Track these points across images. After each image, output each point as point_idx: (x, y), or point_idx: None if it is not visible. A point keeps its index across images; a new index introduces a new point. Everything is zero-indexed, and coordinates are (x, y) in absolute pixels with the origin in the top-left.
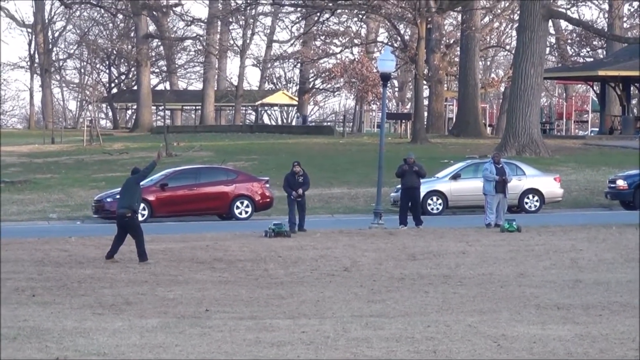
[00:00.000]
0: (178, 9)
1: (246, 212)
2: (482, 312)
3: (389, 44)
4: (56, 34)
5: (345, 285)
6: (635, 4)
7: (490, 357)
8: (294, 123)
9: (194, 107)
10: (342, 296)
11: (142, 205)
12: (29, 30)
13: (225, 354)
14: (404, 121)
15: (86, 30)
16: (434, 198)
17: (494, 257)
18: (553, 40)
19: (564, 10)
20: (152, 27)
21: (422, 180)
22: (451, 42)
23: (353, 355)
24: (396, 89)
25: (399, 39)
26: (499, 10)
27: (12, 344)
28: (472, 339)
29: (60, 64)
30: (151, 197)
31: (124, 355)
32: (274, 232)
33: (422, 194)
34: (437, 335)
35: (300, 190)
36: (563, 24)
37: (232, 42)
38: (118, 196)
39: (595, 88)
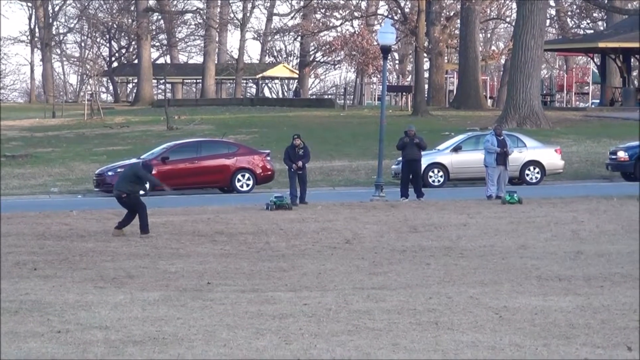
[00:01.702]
0: None
1: (247, 185)
2: (484, 284)
3: (389, 16)
4: (56, 8)
5: (346, 258)
6: None
7: (492, 328)
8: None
9: (194, 81)
10: (344, 268)
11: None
12: (29, 4)
13: (227, 327)
14: (404, 94)
15: (86, 4)
16: (435, 170)
17: (495, 229)
18: (553, 12)
19: None
20: (152, 1)
21: (423, 153)
22: (451, 14)
23: (355, 327)
24: (397, 62)
25: (399, 11)
26: None
27: (14, 317)
28: (474, 310)
29: (61, 38)
30: (152, 171)
31: (125, 328)
32: (275, 205)
33: (423, 167)
34: (438, 307)
35: (300, 163)
36: None
37: (232, 15)
38: (120, 170)
39: (595, 60)
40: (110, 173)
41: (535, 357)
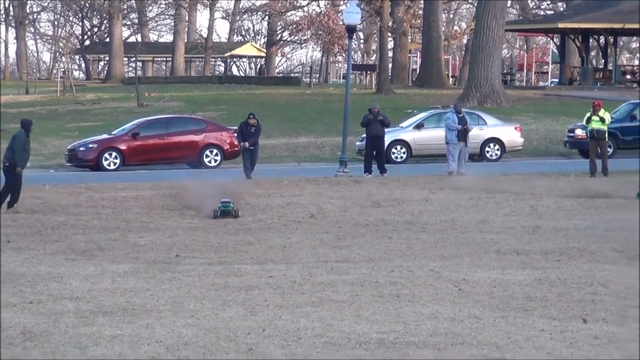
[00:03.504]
0: None
1: (215, 161)
2: (444, 258)
3: None
4: None
5: (311, 232)
6: None
7: (452, 300)
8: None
9: (164, 59)
10: (309, 242)
11: (114, 153)
12: None
13: (195, 298)
14: (369, 72)
15: None
16: (398, 147)
17: (456, 205)
18: None
19: None
20: None
21: (386, 130)
22: None
23: (318, 299)
24: (361, 41)
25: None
26: None
27: None
28: (434, 283)
29: (35, 16)
30: (123, 146)
31: (96, 299)
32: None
33: (386, 143)
34: (400, 280)
35: (247, 144)
36: None
37: None
38: (91, 145)
39: (555, 40)
40: (82, 148)
41: (493, 328)
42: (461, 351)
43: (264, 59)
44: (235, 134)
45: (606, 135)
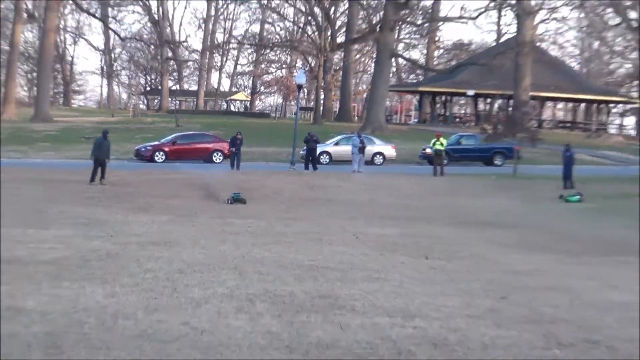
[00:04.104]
0: (185, 44)
1: (219, 160)
2: (349, 219)
3: (302, 68)
4: (115, 56)
5: (274, 202)
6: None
7: (352, 244)
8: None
9: (192, 99)
10: (272, 208)
11: (161, 152)
12: (100, 52)
13: (204, 237)
14: (309, 112)
15: (132, 54)
16: (324, 155)
17: (356, 189)
18: (394, 69)
19: (400, 52)
20: (171, 53)
21: (318, 145)
22: (337, 68)
23: (276, 240)
24: (306, 93)
25: (308, 65)
26: (365, 51)
27: None
28: (343, 234)
29: (119, 72)
30: (166, 149)
31: (148, 235)
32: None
33: (317, 152)
34: (323, 231)
35: (234, 149)
36: (400, 60)
37: (214, 63)
38: (149, 147)
39: (416, 97)
40: (143, 149)
41: (375, 260)
42: (355, 273)
43: (249, 102)
44: (228, 144)
45: (443, 152)
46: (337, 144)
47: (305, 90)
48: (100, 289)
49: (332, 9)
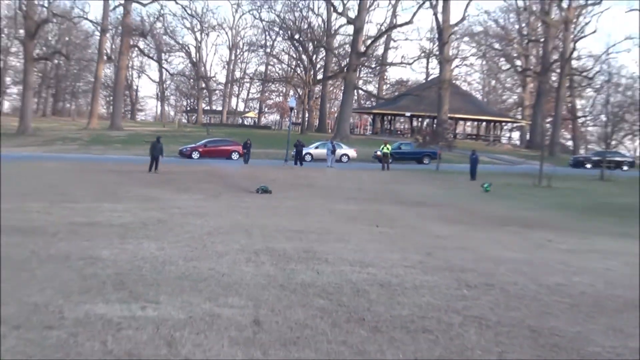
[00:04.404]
0: (214, 78)
1: (235, 157)
2: (324, 198)
3: (293, 95)
4: (166, 86)
5: (272, 186)
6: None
7: (327, 216)
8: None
9: (218, 116)
10: (272, 191)
11: (197, 152)
12: (155, 83)
13: (225, 209)
14: (298, 125)
15: (178, 85)
16: (308, 155)
17: (329, 177)
18: (356, 97)
19: (360, 86)
20: (204, 85)
21: (303, 148)
22: (317, 96)
23: (274, 213)
24: (296, 113)
25: (298, 94)
26: (336, 85)
27: None
28: (320, 210)
29: (168, 97)
30: (200, 149)
31: (187, 208)
32: (262, 190)
33: (303, 153)
34: (305, 207)
35: (245, 150)
36: (360, 91)
37: (234, 92)
38: (188, 147)
39: (371, 116)
40: (184, 149)
41: (341, 230)
42: (328, 237)
43: (257, 118)
44: (242, 146)
45: (389, 154)
46: (317, 147)
47: (295, 110)
48: (153, 244)
49: (314, 56)
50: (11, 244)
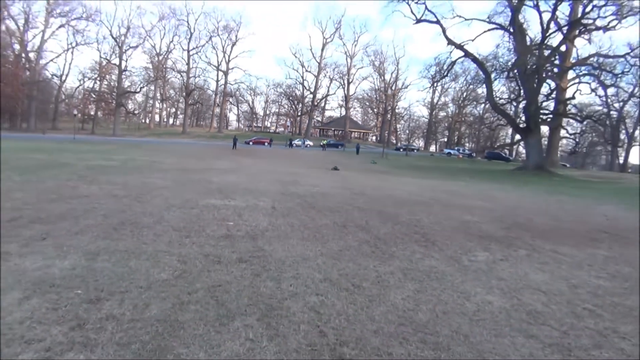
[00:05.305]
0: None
1: (268, 146)
2: (307, 167)
3: (290, 119)
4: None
5: (278, 158)
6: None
7: (308, 173)
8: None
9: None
10: (276, 161)
11: (250, 142)
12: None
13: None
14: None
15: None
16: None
17: (307, 154)
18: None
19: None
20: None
21: (292, 141)
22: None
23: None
24: (291, 128)
25: (291, 124)
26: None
27: None
28: (305, 170)
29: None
30: (252, 141)
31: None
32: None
33: (293, 142)
34: (294, 171)
35: (269, 142)
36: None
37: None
38: (250, 139)
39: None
40: (248, 141)
41: (315, 178)
42: (306, 181)
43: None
44: (269, 142)
45: (325, 144)
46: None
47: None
48: (235, 177)
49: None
50: None
